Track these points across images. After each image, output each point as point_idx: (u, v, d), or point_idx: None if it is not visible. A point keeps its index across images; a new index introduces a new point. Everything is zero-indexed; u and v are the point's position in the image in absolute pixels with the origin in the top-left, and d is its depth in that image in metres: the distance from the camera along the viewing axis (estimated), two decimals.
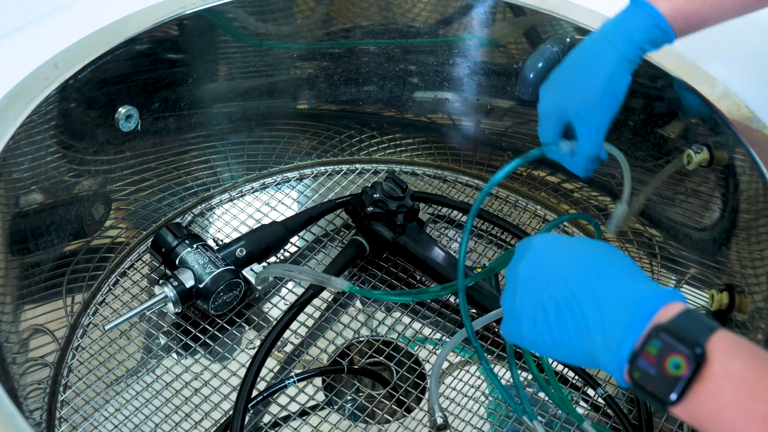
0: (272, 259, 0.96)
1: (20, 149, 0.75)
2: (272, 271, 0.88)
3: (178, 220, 0.92)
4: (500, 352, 0.89)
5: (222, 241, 0.93)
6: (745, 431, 0.42)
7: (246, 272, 0.89)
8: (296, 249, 1.00)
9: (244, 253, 0.89)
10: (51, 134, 0.80)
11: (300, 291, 0.92)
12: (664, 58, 0.86)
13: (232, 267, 0.87)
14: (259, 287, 0.90)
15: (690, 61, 0.87)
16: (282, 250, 0.98)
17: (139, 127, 0.89)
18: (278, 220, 0.98)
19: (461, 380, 0.87)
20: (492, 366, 0.85)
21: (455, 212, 1.06)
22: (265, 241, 0.92)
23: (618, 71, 0.70)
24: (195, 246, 0.87)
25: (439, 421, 0.80)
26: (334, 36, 1.00)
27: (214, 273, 0.85)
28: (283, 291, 0.95)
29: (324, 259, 0.99)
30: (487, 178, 1.10)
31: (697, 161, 0.83)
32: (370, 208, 0.93)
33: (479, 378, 0.87)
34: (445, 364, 0.88)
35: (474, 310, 0.88)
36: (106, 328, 0.81)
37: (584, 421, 0.79)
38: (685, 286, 0.91)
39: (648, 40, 0.69)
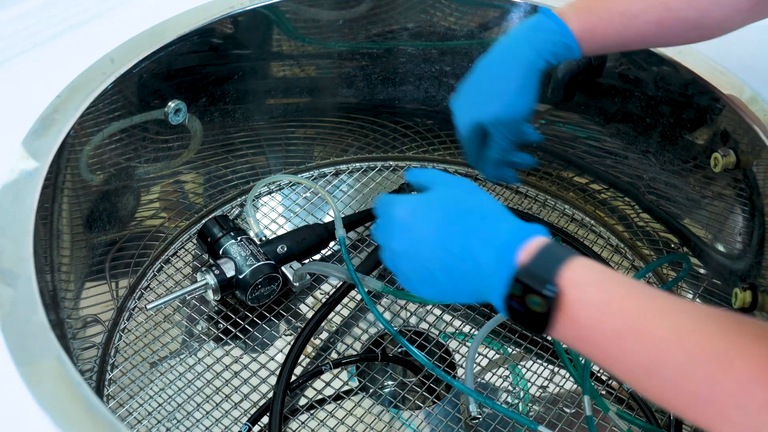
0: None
1: (79, 139, 0.79)
2: (310, 268, 0.91)
3: (225, 212, 0.95)
4: (528, 345, 0.92)
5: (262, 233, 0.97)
6: (605, 349, 0.48)
7: (285, 269, 0.92)
8: (332, 253, 1.02)
9: (285, 250, 0.92)
10: (106, 126, 0.84)
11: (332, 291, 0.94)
12: (692, 62, 0.89)
13: (272, 262, 0.90)
14: (296, 284, 0.93)
15: (719, 67, 0.89)
16: (320, 253, 1.00)
17: (186, 120, 0.93)
18: (321, 218, 1.01)
19: (491, 371, 0.90)
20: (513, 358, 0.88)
21: None
22: (306, 241, 0.95)
23: (527, 81, 0.72)
24: (239, 239, 0.91)
25: (474, 413, 0.84)
26: (374, 37, 1.03)
27: (255, 266, 0.88)
28: (317, 291, 0.98)
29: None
30: (519, 177, 1.13)
31: (723, 164, 0.85)
32: None
33: (505, 368, 0.91)
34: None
35: None
36: (148, 307, 0.85)
37: (609, 410, 0.82)
38: (707, 285, 0.94)
39: (554, 54, 0.72)
